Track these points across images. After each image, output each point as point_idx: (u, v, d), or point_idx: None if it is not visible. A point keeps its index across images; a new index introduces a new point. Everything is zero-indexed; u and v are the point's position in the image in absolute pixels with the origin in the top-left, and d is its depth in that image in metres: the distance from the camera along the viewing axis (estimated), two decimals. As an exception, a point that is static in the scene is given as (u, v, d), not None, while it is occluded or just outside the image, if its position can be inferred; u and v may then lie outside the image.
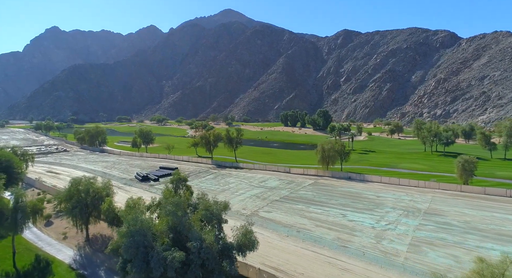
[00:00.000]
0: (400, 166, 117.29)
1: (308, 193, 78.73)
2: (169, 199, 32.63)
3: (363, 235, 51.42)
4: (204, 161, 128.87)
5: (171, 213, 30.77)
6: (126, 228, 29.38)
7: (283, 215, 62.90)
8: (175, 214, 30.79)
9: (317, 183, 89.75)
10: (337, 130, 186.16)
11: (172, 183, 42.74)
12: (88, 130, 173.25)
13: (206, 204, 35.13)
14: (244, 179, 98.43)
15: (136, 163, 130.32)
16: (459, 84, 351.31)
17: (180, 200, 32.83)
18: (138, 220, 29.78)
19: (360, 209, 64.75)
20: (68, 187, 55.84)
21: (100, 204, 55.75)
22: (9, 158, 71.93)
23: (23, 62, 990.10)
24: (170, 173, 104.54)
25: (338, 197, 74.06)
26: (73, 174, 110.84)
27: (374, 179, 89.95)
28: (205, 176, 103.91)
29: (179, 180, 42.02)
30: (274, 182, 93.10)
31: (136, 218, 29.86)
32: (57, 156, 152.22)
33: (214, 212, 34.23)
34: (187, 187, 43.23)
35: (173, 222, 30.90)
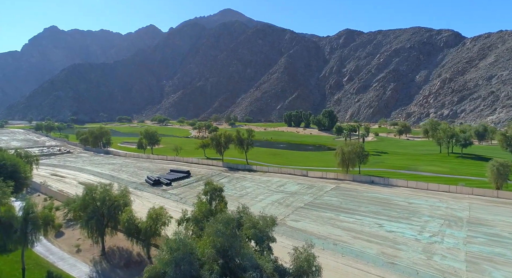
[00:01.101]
0: (420, 168, 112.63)
1: (333, 199, 73.98)
2: (219, 217, 27.75)
3: (409, 249, 46.66)
4: (215, 163, 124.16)
5: (221, 234, 25.87)
6: (169, 255, 24.49)
7: (313, 224, 58.17)
8: (225, 235, 25.91)
9: (339, 188, 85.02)
10: (347, 131, 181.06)
11: (206, 194, 37.78)
12: (91, 131, 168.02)
13: (253, 220, 30.30)
14: (260, 183, 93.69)
15: (144, 165, 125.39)
16: (466, 83, 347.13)
17: (230, 217, 27.98)
18: (183, 244, 24.89)
19: (395, 218, 60.03)
20: (83, 195, 50.93)
21: (117, 213, 50.97)
22: (15, 162, 67.00)
23: (21, 62, 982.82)
24: (182, 177, 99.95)
25: (367, 204, 69.32)
26: (79, 177, 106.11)
27: (399, 183, 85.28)
28: (219, 180, 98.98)
29: (213, 190, 37.07)
30: (293, 186, 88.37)
31: (181, 242, 24.96)
32: (61, 158, 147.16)
33: (264, 230, 29.36)
34: (221, 198, 38.35)
35: (222, 244, 26.03)
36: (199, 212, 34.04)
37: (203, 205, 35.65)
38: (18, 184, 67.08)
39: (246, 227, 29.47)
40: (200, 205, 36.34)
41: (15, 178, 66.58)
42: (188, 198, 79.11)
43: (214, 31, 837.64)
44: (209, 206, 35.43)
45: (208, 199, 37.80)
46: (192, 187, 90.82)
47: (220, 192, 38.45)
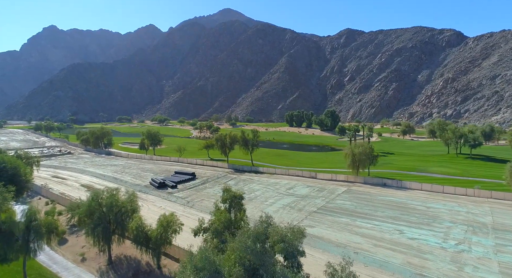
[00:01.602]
0: (429, 170, 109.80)
1: (347, 203, 71.15)
2: (246, 230, 24.89)
3: (436, 258, 43.83)
4: (220, 165, 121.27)
5: (250, 251, 22.98)
6: (194, 275, 21.57)
7: (329, 231, 55.30)
8: (255, 251, 23.03)
9: (351, 191, 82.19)
10: (352, 131, 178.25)
11: (225, 202, 34.87)
12: (93, 131, 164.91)
13: (281, 233, 27.40)
14: (268, 185, 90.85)
15: (147, 167, 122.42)
16: (469, 83, 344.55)
17: (259, 230, 25.10)
18: (209, 262, 21.99)
19: (415, 224, 57.22)
20: (88, 200, 47.92)
21: (125, 220, 48.05)
22: (15, 165, 64.00)
23: (20, 61, 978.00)
24: (187, 179, 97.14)
25: (384, 208, 66.51)
26: (80, 179, 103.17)
27: (413, 186, 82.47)
28: (226, 182, 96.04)
29: (233, 198, 34.19)
30: (303, 189, 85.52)
31: (207, 260, 22.06)
32: (61, 159, 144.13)
33: (294, 244, 26.49)
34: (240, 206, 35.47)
35: (251, 262, 23.14)
36: (219, 223, 31.11)
37: (223, 215, 32.67)
38: (19, 187, 64.15)
39: (274, 241, 26.54)
40: (219, 214, 33.36)
41: (16, 182, 63.73)
42: (195, 202, 76.34)
43: (214, 31, 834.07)
44: (229, 216, 32.40)
45: (227, 207, 34.82)
46: (198, 190, 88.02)
47: (240, 200, 35.58)
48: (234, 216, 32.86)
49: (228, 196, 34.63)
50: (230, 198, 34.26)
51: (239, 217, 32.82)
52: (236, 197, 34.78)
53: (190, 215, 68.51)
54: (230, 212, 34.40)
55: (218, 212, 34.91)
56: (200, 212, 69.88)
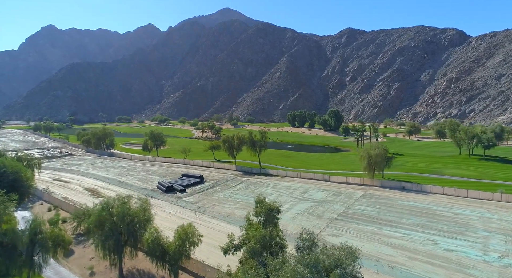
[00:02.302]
0: (445, 172, 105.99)
1: (368, 209, 67.24)
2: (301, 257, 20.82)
3: (483, 274, 39.95)
4: (228, 167, 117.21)
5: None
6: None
7: (356, 240, 51.24)
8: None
9: (369, 195, 78.30)
10: (360, 131, 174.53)
11: (259, 216, 30.82)
12: (94, 132, 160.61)
13: (334, 256, 23.32)
14: (281, 189, 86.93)
15: (151, 169, 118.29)
16: (474, 83, 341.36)
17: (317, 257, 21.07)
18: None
19: (448, 233, 53.32)
20: (98, 209, 43.77)
21: (138, 231, 43.96)
22: (17, 169, 59.87)
23: (18, 61, 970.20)
24: (196, 182, 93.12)
25: (408, 215, 62.66)
26: (84, 183, 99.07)
27: (434, 189, 78.67)
28: (236, 185, 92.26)
29: (269, 211, 30.17)
30: (318, 193, 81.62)
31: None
32: (62, 160, 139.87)
33: (351, 270, 22.50)
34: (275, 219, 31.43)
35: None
36: (255, 241, 27.02)
37: (258, 231, 28.48)
38: (20, 193, 59.96)
39: (326, 266, 22.50)
40: (254, 231, 29.10)
41: (17, 187, 59.79)
42: (206, 207, 72.27)
43: (214, 30, 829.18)
44: (265, 232, 28.32)
45: (262, 221, 30.74)
46: (208, 194, 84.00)
47: (277, 213, 31.48)
48: (270, 232, 28.72)
49: (263, 208, 30.57)
50: (266, 211, 30.17)
51: (275, 233, 28.73)
52: (273, 210, 30.71)
53: (202, 221, 64.63)
54: (266, 227, 30.24)
55: (251, 227, 30.75)
56: (212, 218, 66.07)
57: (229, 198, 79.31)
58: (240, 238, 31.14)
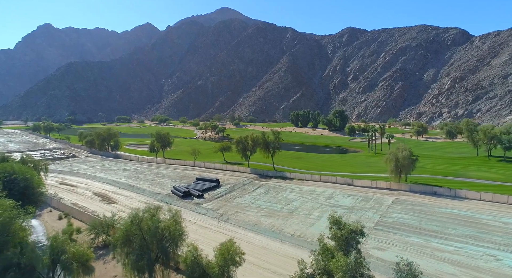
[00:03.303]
0: (470, 175, 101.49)
1: (406, 217, 62.48)
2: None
3: None
4: (241, 170, 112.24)
5: None
6: None
7: (405, 255, 45.90)
8: None
9: (401, 201, 73.56)
10: (372, 131, 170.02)
11: (338, 241, 25.71)
12: (98, 133, 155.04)
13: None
14: (304, 194, 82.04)
15: (162, 172, 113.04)
16: (480, 82, 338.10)
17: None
18: None
19: (505, 246, 48.62)
20: (126, 225, 38.68)
21: (171, 247, 38.96)
22: (28, 175, 54.64)
23: (14, 60, 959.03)
24: (212, 186, 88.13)
25: (453, 224, 57.98)
26: (92, 187, 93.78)
27: (469, 195, 74.03)
28: (254, 190, 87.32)
29: (352, 233, 25.16)
30: (344, 199, 76.86)
31: None
32: (66, 162, 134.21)
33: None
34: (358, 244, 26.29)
35: None
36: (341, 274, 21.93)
37: (342, 260, 23.25)
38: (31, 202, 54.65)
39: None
40: (336, 261, 23.70)
41: (28, 195, 54.55)
42: (229, 215, 67.21)
43: (213, 30, 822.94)
44: (349, 261, 23.23)
45: (342, 246, 25.63)
46: (227, 199, 78.99)
47: (362, 236, 26.38)
48: (355, 261, 23.61)
49: (344, 231, 25.41)
50: (348, 233, 25.08)
51: (359, 262, 23.70)
52: (356, 233, 25.64)
53: (228, 231, 59.72)
54: (348, 253, 25.13)
55: (325, 253, 25.56)
56: (238, 227, 61.13)
57: (251, 205, 74.38)
58: (312, 266, 25.98)
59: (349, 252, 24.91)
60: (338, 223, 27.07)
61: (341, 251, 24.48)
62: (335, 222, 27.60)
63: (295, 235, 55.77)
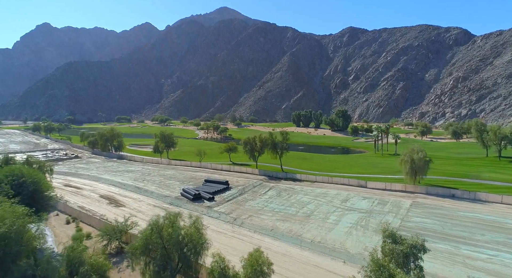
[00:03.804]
0: (483, 176, 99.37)
1: (428, 222, 60.25)
2: None
3: None
4: (250, 171, 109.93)
5: None
6: None
7: (436, 263, 44.16)
8: None
9: (419, 204, 71.34)
10: (378, 132, 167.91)
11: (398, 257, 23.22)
12: (101, 133, 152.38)
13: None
14: (317, 197, 79.75)
15: (168, 173, 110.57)
16: (483, 82, 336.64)
17: None
18: None
19: (539, 253, 46.29)
20: (146, 233, 36.25)
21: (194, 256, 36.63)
22: (37, 179, 52.19)
23: (13, 60, 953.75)
24: (222, 189, 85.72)
25: (479, 229, 55.77)
26: (98, 189, 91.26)
27: (490, 198, 71.88)
28: (266, 192, 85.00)
29: (413, 248, 22.75)
30: (360, 202, 74.57)
31: None
32: (70, 163, 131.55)
33: None
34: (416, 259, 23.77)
35: None
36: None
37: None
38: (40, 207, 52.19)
39: None
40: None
41: (37, 199, 52.06)
42: (243, 219, 64.80)
43: (213, 29, 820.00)
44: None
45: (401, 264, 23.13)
46: (238, 202, 76.61)
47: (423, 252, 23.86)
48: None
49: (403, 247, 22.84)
50: (409, 248, 22.60)
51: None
52: (416, 248, 23.17)
53: (243, 236, 57.36)
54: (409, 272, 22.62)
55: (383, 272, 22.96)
56: (254, 232, 58.71)
57: (264, 208, 71.99)
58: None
59: (408, 270, 22.47)
60: (393, 237, 24.62)
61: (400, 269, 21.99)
62: (390, 235, 25.12)
63: (315, 241, 53.44)
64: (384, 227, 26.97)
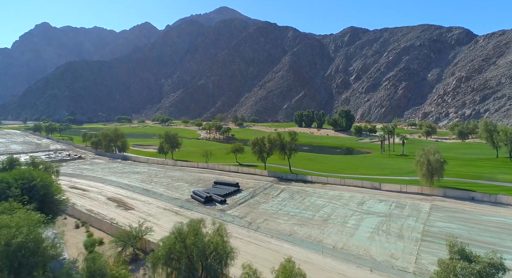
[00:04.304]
0: (498, 178, 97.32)
1: (452, 227, 58.07)
2: None
3: None
4: (258, 172, 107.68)
5: None
6: None
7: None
8: None
9: (439, 208, 69.22)
10: (385, 132, 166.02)
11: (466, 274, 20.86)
12: (105, 133, 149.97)
13: None
14: (331, 199, 77.59)
15: (175, 175, 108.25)
16: (487, 82, 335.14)
17: None
18: None
19: None
20: (169, 242, 34.03)
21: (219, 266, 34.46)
22: (47, 181, 49.93)
23: (11, 59, 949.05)
24: (233, 191, 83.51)
25: (509, 235, 53.73)
26: (104, 191, 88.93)
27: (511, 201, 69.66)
28: (278, 195, 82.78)
29: (491, 268, 20.37)
30: (377, 205, 72.41)
31: None
32: (74, 164, 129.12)
33: None
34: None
35: None
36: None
37: None
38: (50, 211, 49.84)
39: None
40: None
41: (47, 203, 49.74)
42: (258, 223, 62.58)
43: (213, 29, 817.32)
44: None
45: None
46: (251, 205, 74.36)
47: (503, 272, 21.26)
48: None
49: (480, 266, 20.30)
50: (487, 268, 20.12)
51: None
52: (495, 267, 20.65)
53: (260, 242, 55.15)
54: None
55: None
56: (271, 237, 56.44)
57: (279, 211, 69.75)
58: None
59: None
60: (463, 253, 22.15)
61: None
62: (459, 251, 22.58)
63: (337, 247, 51.17)
64: (451, 241, 24.30)
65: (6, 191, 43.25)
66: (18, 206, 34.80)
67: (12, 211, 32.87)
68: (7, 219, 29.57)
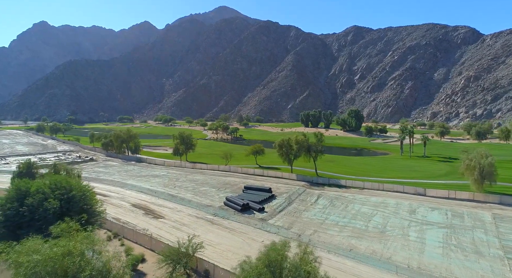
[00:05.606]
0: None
1: (529, 239, 52.10)
2: None
3: None
4: (286, 176, 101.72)
5: None
6: None
7: None
8: None
9: (503, 217, 63.41)
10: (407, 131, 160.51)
11: None
12: (117, 134, 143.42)
13: None
14: (376, 207, 71.64)
15: (198, 178, 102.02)
16: (498, 81, 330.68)
17: None
18: None
19: None
20: (257, 269, 27.95)
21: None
22: (84, 191, 43.93)
23: (9, 59, 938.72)
24: (268, 197, 77.29)
25: None
26: (126, 196, 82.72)
27: None
28: (316, 201, 76.74)
29: None
30: (430, 213, 66.55)
31: None
32: (87, 167, 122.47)
33: None
34: None
35: None
36: None
37: None
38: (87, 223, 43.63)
39: None
40: None
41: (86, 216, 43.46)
42: (309, 236, 56.26)
43: (214, 28, 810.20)
44: None
45: None
46: (292, 214, 68.14)
47: None
48: None
49: None
50: None
51: None
52: None
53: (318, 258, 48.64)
54: None
55: None
56: (327, 252, 50.06)
57: (326, 221, 63.64)
58: None
59: None
60: None
61: None
62: None
63: (412, 266, 44.90)
64: None
65: (44, 204, 37.08)
66: (76, 226, 28.93)
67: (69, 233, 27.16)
68: (71, 246, 23.83)
